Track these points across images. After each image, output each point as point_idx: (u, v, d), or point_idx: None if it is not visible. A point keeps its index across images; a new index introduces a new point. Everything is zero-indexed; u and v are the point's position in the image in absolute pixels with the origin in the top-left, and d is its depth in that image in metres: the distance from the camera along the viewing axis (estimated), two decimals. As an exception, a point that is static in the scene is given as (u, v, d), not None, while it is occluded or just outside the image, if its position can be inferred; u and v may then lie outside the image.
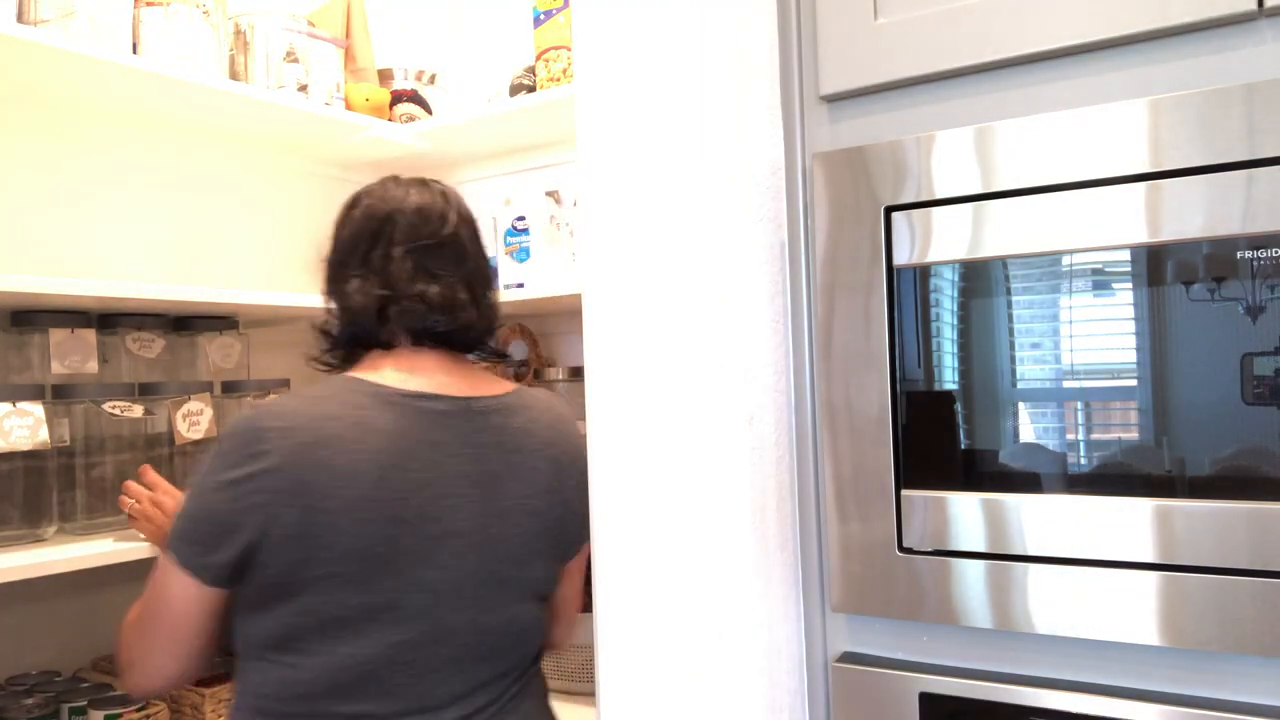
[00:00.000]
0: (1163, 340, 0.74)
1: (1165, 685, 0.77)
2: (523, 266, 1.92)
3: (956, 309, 0.83)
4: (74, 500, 1.48)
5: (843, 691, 0.87)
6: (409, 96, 2.02)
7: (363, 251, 1.17)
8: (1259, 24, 0.74)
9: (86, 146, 1.71)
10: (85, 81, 1.54)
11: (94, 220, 1.72)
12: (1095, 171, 0.76)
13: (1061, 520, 0.77)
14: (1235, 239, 0.71)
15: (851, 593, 0.86)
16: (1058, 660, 0.81)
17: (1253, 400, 0.71)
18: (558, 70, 1.77)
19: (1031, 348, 0.79)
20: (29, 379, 1.51)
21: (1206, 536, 0.72)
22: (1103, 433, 0.77)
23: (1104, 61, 0.80)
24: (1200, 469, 0.73)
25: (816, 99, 0.93)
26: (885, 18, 0.88)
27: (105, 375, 1.58)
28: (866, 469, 0.85)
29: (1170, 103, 0.73)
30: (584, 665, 1.68)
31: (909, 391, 0.84)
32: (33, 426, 1.35)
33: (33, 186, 1.63)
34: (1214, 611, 0.72)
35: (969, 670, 0.84)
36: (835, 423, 0.87)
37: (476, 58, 2.19)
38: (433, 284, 1.15)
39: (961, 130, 0.81)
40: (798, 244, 0.95)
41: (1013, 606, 0.79)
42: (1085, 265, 0.77)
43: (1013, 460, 0.80)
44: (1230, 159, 0.71)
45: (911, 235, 0.83)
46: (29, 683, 1.49)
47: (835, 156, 0.87)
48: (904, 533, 0.84)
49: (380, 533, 1.03)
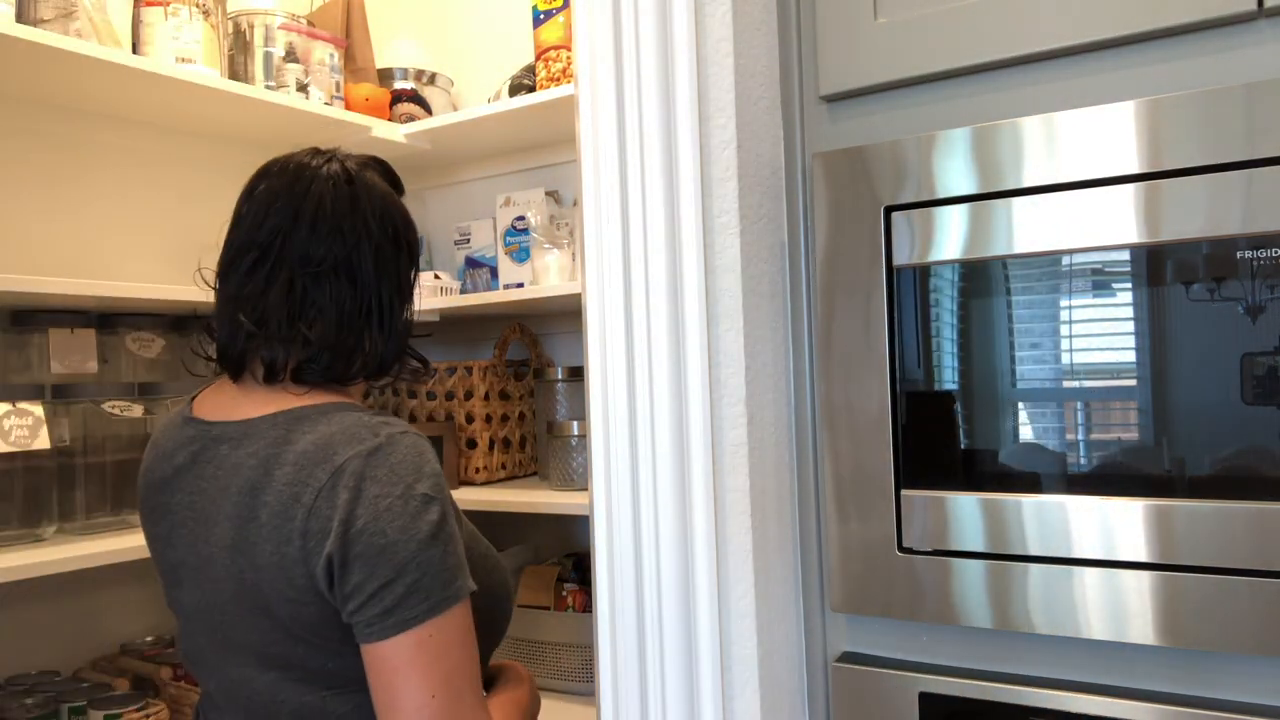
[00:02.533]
0: (1162, 340, 0.74)
1: (1165, 685, 0.77)
2: (522, 266, 1.92)
3: (956, 309, 0.83)
4: (74, 500, 1.48)
5: (842, 691, 0.87)
6: (409, 96, 2.02)
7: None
8: (1259, 24, 0.74)
9: (86, 146, 1.71)
10: (85, 81, 1.54)
11: (94, 220, 1.72)
12: (1095, 171, 0.76)
13: (1061, 520, 0.77)
14: (1235, 239, 0.71)
15: (851, 593, 0.86)
16: (1057, 660, 0.81)
17: (1252, 400, 0.71)
18: (557, 70, 1.77)
19: (1031, 348, 0.79)
20: (29, 379, 1.51)
21: (1206, 536, 0.72)
22: (1102, 433, 0.77)
23: (1104, 61, 0.80)
24: (1200, 469, 0.73)
25: (816, 99, 0.93)
26: (885, 18, 0.88)
27: (105, 375, 1.58)
28: (866, 469, 0.85)
29: (1170, 103, 0.73)
30: (584, 665, 1.69)
31: (909, 391, 0.84)
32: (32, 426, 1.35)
33: (33, 186, 1.63)
34: (1214, 611, 0.72)
35: (969, 670, 0.84)
36: (835, 423, 0.87)
37: (476, 57, 2.19)
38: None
39: (961, 130, 0.81)
40: (797, 244, 0.95)
41: (1012, 606, 0.79)
42: (1085, 265, 0.77)
43: (1012, 460, 0.80)
44: (1230, 159, 0.71)
45: (911, 235, 0.83)
46: (29, 682, 1.49)
47: (835, 156, 0.87)
48: (904, 533, 0.84)
49: (150, 543, 1.05)
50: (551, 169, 2.06)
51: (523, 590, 1.78)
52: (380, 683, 0.88)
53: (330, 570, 0.87)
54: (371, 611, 0.87)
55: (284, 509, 0.89)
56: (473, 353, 2.16)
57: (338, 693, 0.94)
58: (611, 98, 0.88)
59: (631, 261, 0.88)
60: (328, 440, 0.91)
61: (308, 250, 0.98)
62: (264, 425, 0.95)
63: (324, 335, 0.98)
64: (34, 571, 1.29)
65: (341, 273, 0.99)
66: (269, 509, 0.90)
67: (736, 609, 0.86)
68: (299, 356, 0.97)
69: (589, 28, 0.89)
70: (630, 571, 0.88)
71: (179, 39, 1.61)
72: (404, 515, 0.88)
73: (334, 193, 1.00)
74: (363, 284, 1.00)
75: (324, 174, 1.01)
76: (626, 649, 0.88)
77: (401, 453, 0.91)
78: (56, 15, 1.45)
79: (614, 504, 0.88)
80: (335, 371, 0.99)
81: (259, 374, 0.98)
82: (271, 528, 0.89)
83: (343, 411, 0.95)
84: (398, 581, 0.87)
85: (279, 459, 0.92)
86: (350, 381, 1.02)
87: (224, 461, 0.95)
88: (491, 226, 2.03)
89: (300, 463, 0.90)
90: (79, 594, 1.65)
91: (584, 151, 0.90)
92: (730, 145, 0.86)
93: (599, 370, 0.89)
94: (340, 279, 0.99)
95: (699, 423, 0.85)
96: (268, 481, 0.91)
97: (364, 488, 0.87)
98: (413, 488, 0.89)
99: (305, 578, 0.88)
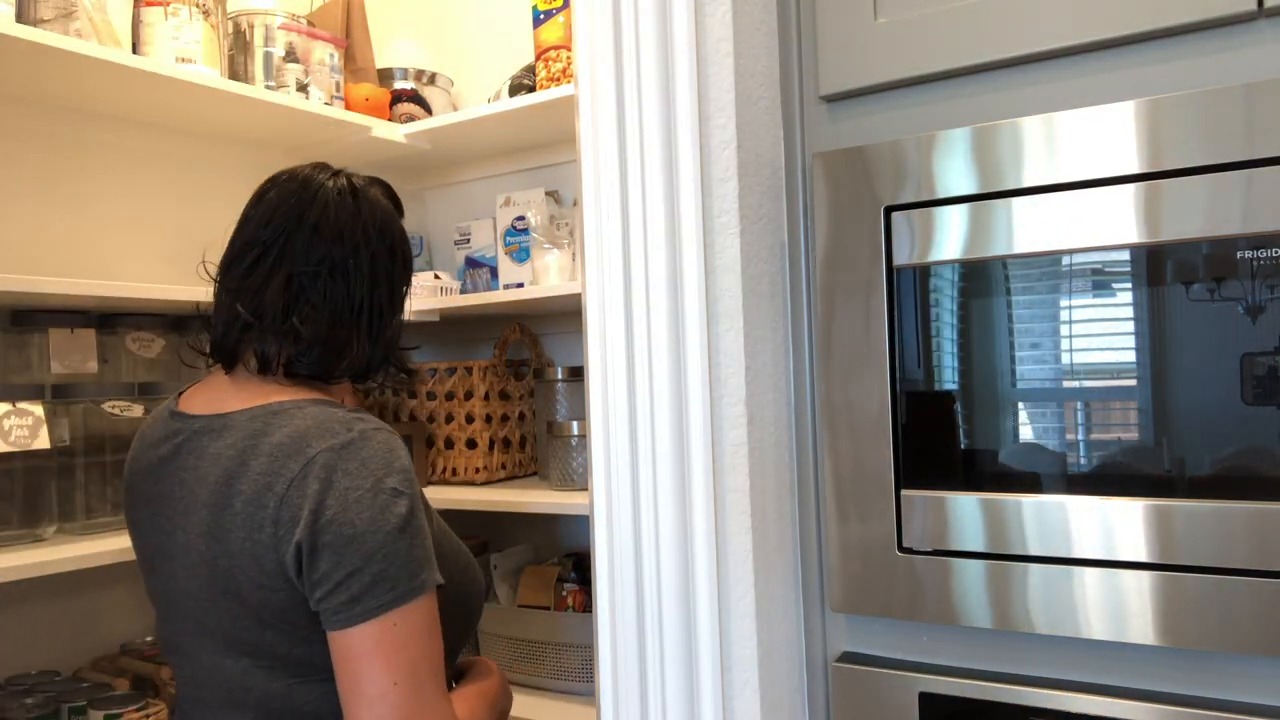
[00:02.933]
0: (1162, 340, 0.74)
1: (1165, 685, 0.77)
2: (522, 266, 1.92)
3: (956, 309, 0.83)
4: (74, 500, 1.48)
5: (842, 691, 0.87)
6: (409, 96, 2.02)
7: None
8: (1258, 24, 0.74)
9: (86, 146, 1.71)
10: (85, 81, 1.54)
11: (94, 220, 1.72)
12: (1095, 171, 0.76)
13: (1061, 520, 0.77)
14: (1235, 239, 0.71)
15: (851, 593, 0.86)
16: (1057, 660, 0.81)
17: (1252, 400, 0.71)
18: (557, 70, 1.77)
19: (1031, 348, 0.79)
20: (29, 379, 1.51)
21: (1206, 536, 0.72)
22: (1102, 433, 0.77)
23: (1104, 61, 0.80)
24: (1200, 469, 0.73)
25: (816, 99, 0.93)
26: (885, 18, 0.88)
27: (105, 375, 1.58)
28: (866, 469, 0.85)
29: (1170, 103, 0.73)
30: (584, 665, 1.68)
31: (909, 391, 0.84)
32: (32, 426, 1.35)
33: (32, 186, 1.63)
34: (1213, 611, 0.72)
35: (969, 670, 0.84)
36: (835, 422, 0.87)
37: (476, 57, 2.19)
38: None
39: (961, 130, 0.81)
40: (797, 244, 0.95)
41: (1012, 606, 0.79)
42: (1085, 265, 0.77)
43: (1012, 460, 0.80)
44: (1230, 159, 0.71)
45: (911, 235, 0.83)
46: (28, 683, 1.49)
47: (835, 156, 0.87)
48: (904, 532, 0.84)
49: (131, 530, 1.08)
50: (551, 169, 2.06)
51: (522, 590, 1.78)
52: (345, 670, 0.91)
53: (299, 557, 0.90)
54: (338, 599, 0.90)
55: (257, 497, 0.92)
56: (473, 353, 2.16)
57: (304, 681, 0.97)
58: (611, 98, 0.88)
59: (631, 261, 0.88)
60: (302, 433, 0.94)
61: (308, 251, 1.03)
62: (243, 419, 0.99)
63: (315, 331, 1.02)
64: (34, 571, 1.29)
65: (338, 274, 1.04)
66: (243, 497, 0.93)
67: (736, 609, 0.86)
68: (290, 350, 1.02)
69: (589, 28, 0.89)
70: (630, 571, 0.88)
71: (179, 39, 1.61)
72: (373, 507, 0.91)
73: (339, 201, 1.07)
74: (356, 287, 1.05)
75: (330, 185, 1.08)
76: (626, 649, 0.88)
77: (373, 448, 0.94)
78: (56, 15, 1.45)
79: (614, 504, 0.88)
80: (323, 366, 1.03)
81: (252, 365, 1.03)
82: (245, 515, 0.93)
83: (320, 407, 0.99)
84: (364, 570, 0.89)
85: (255, 450, 0.95)
86: (335, 380, 1.07)
87: (204, 453, 0.99)
88: (491, 226, 2.03)
89: (274, 454, 0.94)
90: (79, 594, 1.65)
91: (584, 151, 0.90)
92: (730, 145, 0.86)
93: (599, 370, 0.89)
94: (336, 280, 1.04)
95: (699, 423, 0.85)
96: (243, 471, 0.94)
97: (334, 479, 0.91)
98: (382, 481, 0.92)
99: (275, 564, 0.91)
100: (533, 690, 1.72)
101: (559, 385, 1.85)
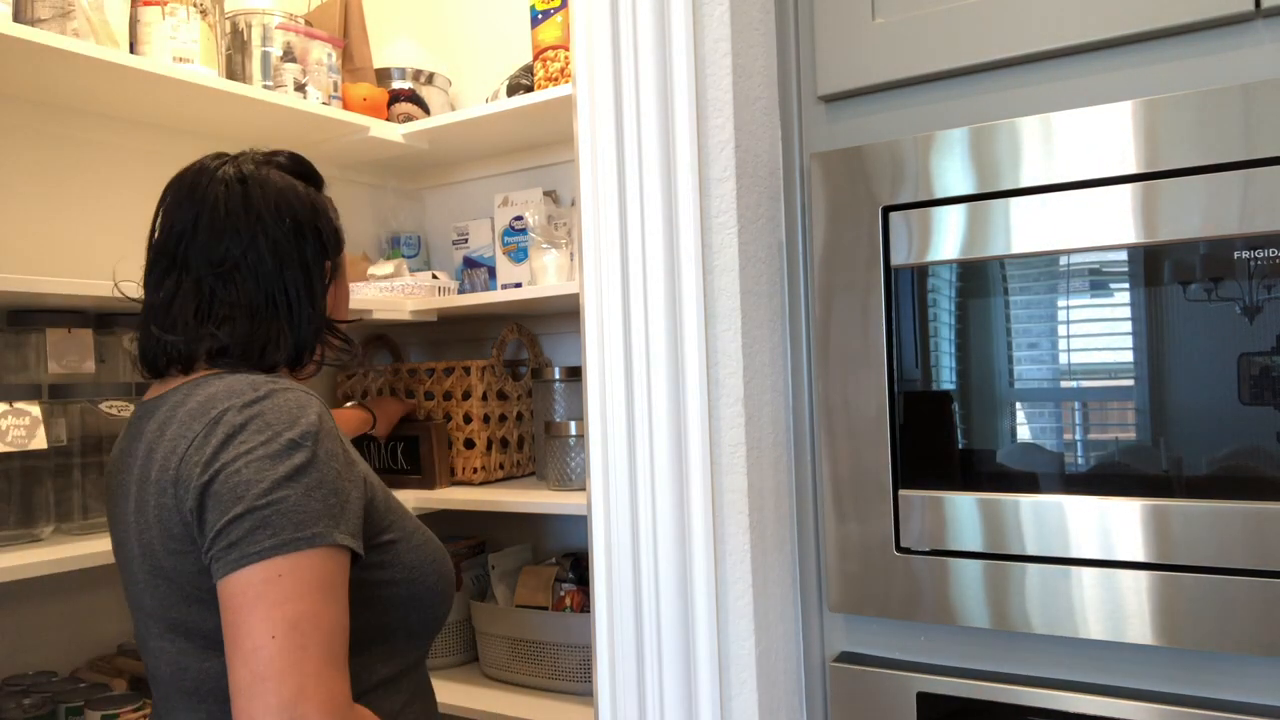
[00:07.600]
0: (1160, 340, 0.74)
1: (1162, 685, 0.77)
2: (520, 266, 1.92)
3: (954, 309, 0.83)
4: (71, 500, 1.48)
5: (840, 691, 0.87)
6: (406, 96, 2.01)
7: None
8: (1256, 24, 0.74)
9: (83, 145, 1.71)
10: (82, 80, 1.54)
11: (91, 220, 1.72)
12: (1092, 171, 0.76)
13: (1059, 520, 0.77)
14: (1232, 239, 0.71)
15: (849, 593, 0.86)
16: (1056, 660, 0.81)
17: (1249, 400, 0.71)
18: (555, 70, 1.77)
19: (1029, 348, 0.79)
20: (26, 379, 1.50)
21: (1204, 536, 0.72)
22: (1100, 433, 0.77)
23: (1101, 62, 0.80)
24: (1197, 469, 0.73)
25: (814, 99, 0.93)
26: (883, 18, 0.88)
27: (102, 375, 1.58)
28: (864, 469, 0.85)
29: (1167, 103, 0.73)
30: (582, 665, 1.68)
31: (906, 391, 0.84)
32: (29, 426, 1.35)
33: (29, 186, 1.63)
34: (1212, 611, 0.72)
35: (967, 670, 0.84)
36: (833, 423, 0.87)
37: (474, 57, 2.19)
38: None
39: (959, 130, 0.81)
40: (795, 244, 0.95)
41: (1010, 606, 0.79)
42: (1083, 265, 0.77)
43: (1010, 460, 0.80)
44: (1227, 159, 0.71)
45: (909, 235, 0.83)
46: (26, 683, 1.49)
47: (833, 157, 0.87)
48: (901, 533, 0.84)
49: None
50: (549, 169, 2.06)
51: (520, 590, 1.77)
52: (226, 624, 0.84)
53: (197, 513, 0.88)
54: (218, 546, 0.86)
55: (165, 462, 0.91)
56: (470, 353, 2.16)
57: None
58: (609, 98, 0.88)
59: (629, 261, 0.87)
60: (211, 396, 0.93)
61: (208, 254, 1.01)
62: (174, 396, 0.98)
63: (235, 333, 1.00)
64: (31, 572, 1.28)
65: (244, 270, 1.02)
66: (158, 465, 0.92)
67: (734, 609, 0.86)
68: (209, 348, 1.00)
69: (587, 27, 0.89)
70: (628, 571, 0.87)
71: (176, 38, 1.61)
72: (265, 458, 0.88)
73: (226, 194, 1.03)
74: (264, 279, 1.02)
75: (219, 177, 1.05)
76: (624, 649, 0.88)
77: (278, 404, 0.92)
78: (54, 14, 1.45)
79: (612, 504, 0.88)
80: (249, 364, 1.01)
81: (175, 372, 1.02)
82: (155, 483, 0.92)
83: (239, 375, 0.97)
84: (246, 516, 0.85)
85: (171, 419, 0.95)
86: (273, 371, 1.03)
87: (140, 435, 0.99)
88: (489, 226, 2.03)
89: (185, 419, 0.93)
90: (76, 594, 1.64)
91: (582, 151, 0.90)
92: (728, 145, 0.86)
93: (597, 370, 0.89)
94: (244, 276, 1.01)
95: (697, 422, 0.85)
96: (160, 442, 0.94)
97: (235, 435, 0.89)
98: (280, 434, 0.89)
99: (181, 525, 0.89)
100: (530, 690, 1.72)
101: (557, 385, 1.85)
